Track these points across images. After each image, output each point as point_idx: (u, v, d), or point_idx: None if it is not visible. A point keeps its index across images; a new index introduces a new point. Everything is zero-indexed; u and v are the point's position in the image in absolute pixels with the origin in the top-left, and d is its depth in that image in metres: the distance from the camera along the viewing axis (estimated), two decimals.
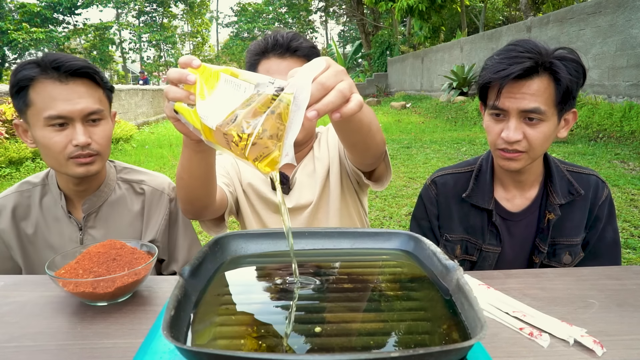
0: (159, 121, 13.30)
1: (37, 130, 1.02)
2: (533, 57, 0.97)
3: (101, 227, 1.16)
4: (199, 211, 1.05)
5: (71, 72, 1.00)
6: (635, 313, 0.74)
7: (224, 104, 0.58)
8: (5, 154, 5.67)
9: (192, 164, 0.89)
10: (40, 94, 0.99)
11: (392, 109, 13.41)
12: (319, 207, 1.25)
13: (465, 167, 1.22)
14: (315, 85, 0.56)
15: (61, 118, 1.00)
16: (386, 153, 1.09)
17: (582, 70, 1.00)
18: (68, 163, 1.03)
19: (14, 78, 1.01)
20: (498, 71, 0.98)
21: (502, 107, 1.01)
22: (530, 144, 1.01)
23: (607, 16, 6.76)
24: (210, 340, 0.53)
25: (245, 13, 41.73)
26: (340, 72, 0.59)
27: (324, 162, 1.25)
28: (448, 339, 0.52)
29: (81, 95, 1.02)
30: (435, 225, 1.23)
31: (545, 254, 1.12)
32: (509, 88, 0.99)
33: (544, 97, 0.97)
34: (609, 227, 1.14)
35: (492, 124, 1.06)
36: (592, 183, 1.13)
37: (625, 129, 6.04)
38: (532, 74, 0.97)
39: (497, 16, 22.07)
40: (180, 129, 0.73)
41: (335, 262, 0.77)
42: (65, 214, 1.14)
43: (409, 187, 4.57)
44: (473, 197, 1.16)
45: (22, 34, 24.10)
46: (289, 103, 0.54)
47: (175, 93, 0.64)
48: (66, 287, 0.73)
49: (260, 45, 1.15)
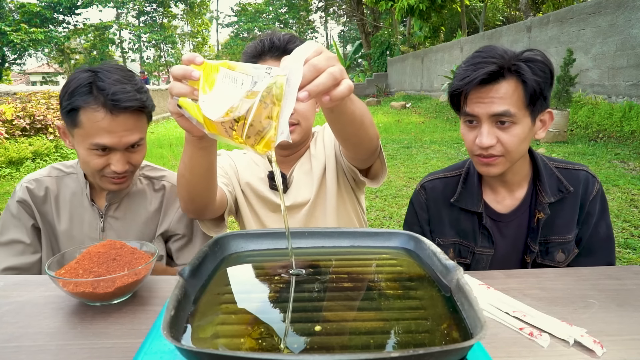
0: (159, 121, 13.30)
1: (80, 147, 1.07)
2: (497, 61, 0.98)
3: (121, 217, 1.21)
4: (199, 210, 1.06)
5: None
6: (635, 313, 0.74)
7: (223, 98, 0.60)
8: (5, 154, 5.67)
9: (194, 162, 0.89)
10: (90, 120, 1.02)
11: (392, 109, 13.41)
12: (316, 205, 1.25)
13: (454, 170, 1.23)
14: (307, 67, 0.59)
15: (106, 147, 1.05)
16: (381, 150, 1.09)
17: (548, 70, 1.00)
18: (102, 179, 1.10)
19: (67, 99, 1.02)
20: (463, 78, 1.01)
21: (472, 112, 1.02)
22: (505, 148, 1.01)
23: (607, 16, 6.77)
24: (210, 340, 0.53)
25: (246, 13, 41.77)
26: (332, 57, 0.62)
27: (321, 160, 1.26)
28: (448, 339, 0.52)
29: (128, 129, 1.05)
30: (426, 231, 1.23)
31: (536, 253, 1.12)
32: (477, 93, 1.01)
33: (513, 99, 0.98)
34: (602, 222, 1.13)
35: (467, 131, 1.07)
36: (582, 178, 1.12)
37: (625, 129, 6.04)
38: (497, 77, 0.98)
39: (497, 16, 22.07)
40: (183, 125, 0.74)
41: (335, 261, 0.77)
42: (89, 201, 1.19)
43: (409, 187, 4.57)
44: (462, 201, 1.16)
45: (20, 35, 24.10)
46: (282, 85, 0.57)
47: (180, 89, 0.65)
48: (66, 287, 0.73)
49: (257, 48, 1.15)
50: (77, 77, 1.03)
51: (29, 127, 6.33)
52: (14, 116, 6.13)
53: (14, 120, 6.12)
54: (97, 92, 1.01)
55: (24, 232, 1.16)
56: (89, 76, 1.03)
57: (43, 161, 6.22)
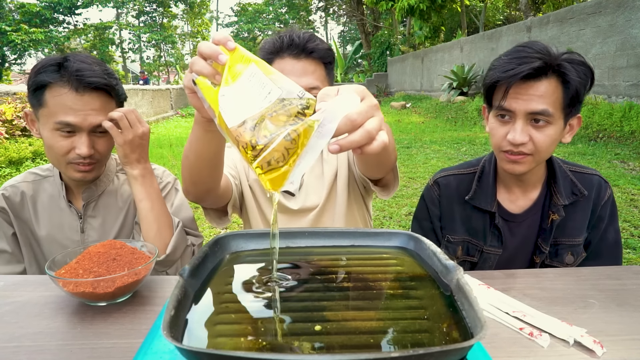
0: (159, 121, 13.29)
1: (45, 129, 1.05)
2: (542, 57, 0.95)
3: (99, 216, 1.19)
4: (201, 194, 1.02)
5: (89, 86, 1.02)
6: (635, 313, 0.74)
7: (244, 101, 0.55)
8: (5, 154, 5.66)
9: (200, 144, 0.85)
10: (55, 98, 1.01)
11: (392, 109, 13.41)
12: (325, 210, 1.24)
13: (468, 168, 1.22)
14: (344, 120, 0.52)
15: (70, 126, 1.03)
16: (395, 165, 1.08)
17: (590, 74, 0.98)
18: (68, 167, 1.07)
19: (33, 77, 1.03)
20: (506, 70, 0.97)
21: (509, 107, 0.99)
22: (536, 147, 0.99)
23: (607, 16, 6.76)
24: (210, 340, 0.53)
25: (246, 13, 41.74)
26: (373, 106, 0.56)
27: (332, 166, 1.24)
28: (448, 339, 0.52)
29: (94, 108, 1.04)
30: (437, 226, 1.22)
31: (546, 254, 1.12)
32: (517, 89, 0.98)
33: (552, 99, 0.96)
34: (611, 227, 1.13)
35: (497, 126, 1.04)
36: (595, 183, 1.13)
37: (625, 129, 6.04)
38: (540, 75, 0.96)
39: (497, 16, 22.07)
40: (193, 102, 0.70)
41: (336, 260, 0.77)
42: (66, 203, 1.17)
43: (409, 187, 4.57)
44: (476, 199, 1.15)
45: (20, 35, 24.10)
46: (312, 128, 0.51)
47: (202, 68, 0.61)
48: (66, 287, 0.73)
49: (275, 44, 1.12)
50: (46, 58, 1.05)
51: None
52: (14, 116, 6.13)
53: (14, 120, 6.12)
54: (63, 70, 1.01)
55: (5, 241, 1.15)
56: (58, 58, 1.04)
57: (43, 161, 6.20)
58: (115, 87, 1.08)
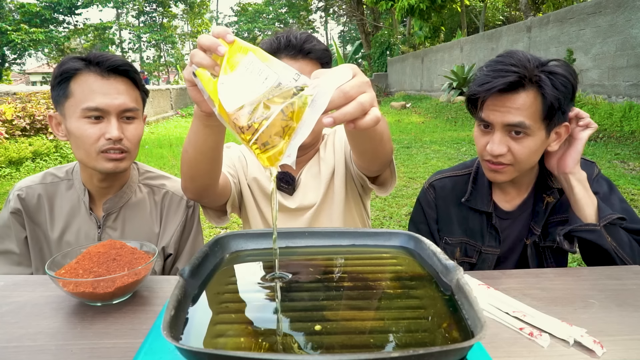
0: (159, 121, 13.29)
1: (72, 121, 1.05)
2: (518, 70, 0.96)
3: (119, 229, 1.17)
4: (199, 190, 1.02)
5: (112, 69, 1.05)
6: (635, 313, 0.74)
7: (242, 88, 0.57)
8: (5, 154, 5.67)
9: (199, 138, 0.86)
10: (81, 86, 1.03)
11: (392, 109, 13.41)
12: (322, 209, 1.24)
13: (463, 169, 1.23)
14: (337, 92, 0.55)
15: (98, 111, 1.03)
16: (392, 160, 1.08)
17: (570, 85, 0.98)
18: (98, 157, 1.05)
19: (58, 69, 1.05)
20: (482, 84, 0.99)
21: (487, 119, 1.01)
22: (515, 158, 1.01)
23: (607, 16, 6.77)
24: (210, 340, 0.53)
25: (246, 13, 41.78)
26: (365, 83, 0.58)
27: (329, 164, 1.24)
28: (448, 339, 0.52)
29: (120, 92, 1.06)
30: (434, 229, 1.23)
31: (538, 235, 1.11)
32: (494, 101, 0.99)
33: (530, 111, 0.97)
34: (613, 197, 1.11)
35: (479, 135, 1.07)
36: (581, 163, 1.12)
37: (625, 129, 6.04)
38: (517, 87, 0.96)
39: (497, 16, 22.07)
40: (193, 95, 0.71)
41: (335, 260, 0.77)
42: (87, 210, 1.15)
43: (409, 187, 4.57)
44: (472, 201, 1.16)
45: (20, 35, 24.12)
46: (305, 103, 0.54)
47: (202, 59, 0.63)
48: (66, 287, 0.73)
49: (272, 44, 1.13)
50: (68, 57, 1.08)
51: (29, 127, 6.33)
52: (14, 116, 6.13)
53: (14, 120, 6.12)
54: (86, 57, 1.05)
55: (16, 244, 1.14)
56: (80, 55, 1.07)
57: (43, 161, 6.21)
58: (137, 73, 1.11)
